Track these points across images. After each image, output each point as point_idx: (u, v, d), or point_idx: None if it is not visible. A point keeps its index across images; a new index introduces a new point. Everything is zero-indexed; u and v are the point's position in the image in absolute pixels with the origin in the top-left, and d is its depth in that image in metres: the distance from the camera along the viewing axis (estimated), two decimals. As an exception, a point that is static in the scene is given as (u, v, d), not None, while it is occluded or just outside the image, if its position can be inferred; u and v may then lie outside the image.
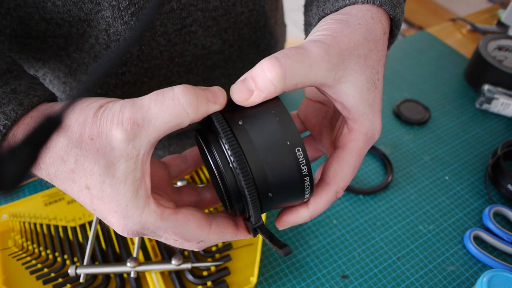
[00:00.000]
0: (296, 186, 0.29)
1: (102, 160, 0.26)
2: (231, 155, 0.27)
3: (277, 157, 0.27)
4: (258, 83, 0.27)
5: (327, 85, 0.29)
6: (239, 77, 0.54)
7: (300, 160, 0.28)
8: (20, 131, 0.28)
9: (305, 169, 0.28)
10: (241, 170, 0.27)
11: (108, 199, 0.27)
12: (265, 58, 0.27)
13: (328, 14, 0.34)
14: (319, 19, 0.35)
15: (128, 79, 0.44)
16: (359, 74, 0.29)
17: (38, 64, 0.44)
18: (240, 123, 0.27)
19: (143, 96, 0.27)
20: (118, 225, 0.28)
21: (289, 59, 0.27)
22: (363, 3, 0.32)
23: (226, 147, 0.27)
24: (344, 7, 0.33)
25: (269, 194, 0.28)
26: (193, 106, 0.27)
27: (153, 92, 0.27)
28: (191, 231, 0.30)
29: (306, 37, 0.38)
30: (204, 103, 0.27)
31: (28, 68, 0.45)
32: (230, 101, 0.29)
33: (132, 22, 0.39)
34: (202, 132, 0.30)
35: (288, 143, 0.27)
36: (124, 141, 0.26)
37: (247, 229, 0.32)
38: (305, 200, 0.31)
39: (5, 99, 0.28)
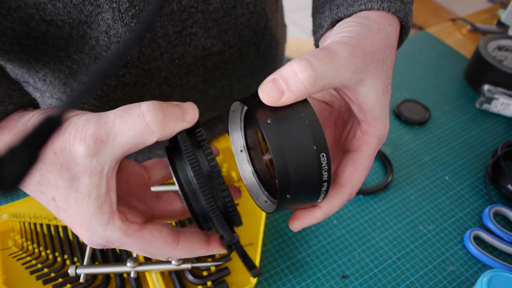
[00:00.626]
0: (315, 190, 0.29)
1: (66, 174, 0.26)
2: (193, 177, 0.27)
3: (302, 160, 0.27)
4: (290, 84, 0.26)
5: (349, 87, 0.29)
6: (239, 78, 0.54)
7: (323, 165, 0.28)
8: None
9: (326, 175, 0.28)
10: (202, 193, 0.27)
11: (73, 211, 0.27)
12: (295, 60, 0.27)
13: (341, 18, 0.34)
14: (332, 22, 0.35)
15: (128, 81, 0.44)
16: (377, 78, 0.29)
17: (39, 65, 0.44)
18: (268, 121, 0.27)
19: (109, 112, 0.27)
20: (83, 236, 0.28)
21: (320, 61, 0.27)
22: (378, 10, 0.33)
23: (189, 168, 0.27)
24: (360, 11, 0.33)
25: (288, 195, 0.28)
26: (158, 124, 0.26)
27: (119, 108, 0.27)
28: (156, 248, 0.30)
29: (316, 39, 0.39)
30: (171, 121, 0.27)
31: (29, 69, 0.45)
32: (256, 96, 0.28)
33: (133, 24, 0.39)
34: (171, 150, 0.30)
35: (315, 147, 0.27)
36: (87, 157, 0.26)
37: (221, 244, 0.32)
38: (317, 203, 0.31)
39: None
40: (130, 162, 0.35)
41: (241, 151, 0.35)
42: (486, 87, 0.69)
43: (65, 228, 0.49)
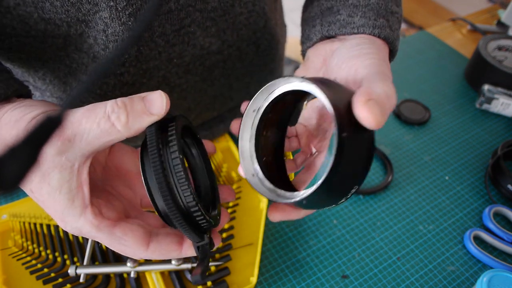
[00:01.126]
0: (330, 204, 0.31)
1: (38, 170, 0.27)
2: (153, 176, 0.27)
3: (344, 184, 0.29)
4: (387, 109, 0.28)
5: None
6: (238, 78, 0.54)
7: (348, 195, 0.30)
8: None
9: (344, 199, 0.31)
10: (161, 193, 0.27)
11: (47, 203, 0.29)
12: (387, 84, 0.29)
13: (331, 36, 0.37)
14: (322, 38, 0.38)
15: (127, 80, 0.44)
16: None
17: (38, 64, 0.44)
18: (344, 135, 0.26)
19: (77, 110, 0.28)
20: (60, 224, 0.30)
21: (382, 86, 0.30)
22: (369, 34, 0.36)
23: (153, 170, 0.27)
24: (351, 34, 0.36)
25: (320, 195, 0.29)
26: (123, 123, 0.27)
27: (86, 107, 0.28)
28: (126, 247, 0.30)
29: (304, 49, 0.41)
30: (136, 117, 0.27)
31: (28, 68, 0.45)
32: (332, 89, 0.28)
33: (130, 23, 0.39)
34: (143, 144, 0.30)
35: (357, 181, 0.29)
36: (55, 155, 0.27)
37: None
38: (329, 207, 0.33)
39: None
40: (124, 146, 0.35)
41: (252, 175, 0.35)
42: (486, 87, 0.69)
43: (65, 228, 0.49)
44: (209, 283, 0.45)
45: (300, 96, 0.36)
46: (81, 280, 0.43)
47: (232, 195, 0.37)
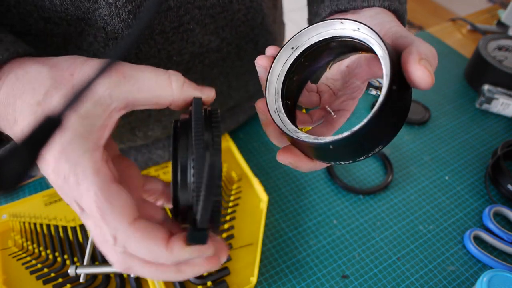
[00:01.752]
0: (354, 158, 0.30)
1: (71, 94, 0.25)
2: (193, 167, 0.26)
3: (376, 136, 0.29)
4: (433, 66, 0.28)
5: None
6: (237, 76, 0.55)
7: (372, 153, 0.30)
8: (10, 79, 0.28)
9: (364, 157, 0.30)
10: (210, 164, 0.24)
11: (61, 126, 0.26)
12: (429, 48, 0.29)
13: (342, 10, 0.37)
14: (331, 13, 0.38)
15: None
16: None
17: None
18: (394, 87, 0.27)
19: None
20: (52, 161, 0.26)
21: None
22: (379, 7, 0.36)
23: (192, 159, 0.26)
24: (362, 8, 0.36)
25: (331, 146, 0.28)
26: (179, 86, 0.29)
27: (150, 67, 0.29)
28: (112, 210, 0.25)
29: (312, 21, 0.41)
30: (190, 87, 0.30)
31: None
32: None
33: (130, 20, 0.39)
34: (177, 128, 0.30)
35: (383, 142, 0.29)
36: (102, 84, 0.26)
37: (183, 242, 0.27)
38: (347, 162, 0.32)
39: None
40: (132, 164, 0.33)
41: (274, 111, 0.33)
42: (486, 87, 0.69)
43: (65, 228, 0.49)
44: (209, 283, 0.45)
45: (341, 50, 0.35)
46: (81, 280, 0.43)
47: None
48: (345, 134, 0.27)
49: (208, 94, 0.31)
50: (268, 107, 0.33)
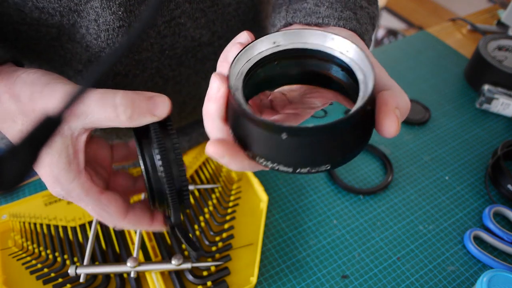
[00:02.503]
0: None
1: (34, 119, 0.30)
2: (161, 165, 0.32)
3: None
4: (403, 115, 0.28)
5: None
6: None
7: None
8: None
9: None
10: (166, 178, 0.32)
11: (45, 164, 0.32)
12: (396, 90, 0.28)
13: (296, 23, 0.35)
14: (286, 24, 0.36)
15: (119, 70, 0.45)
16: None
17: (33, 55, 0.45)
18: (368, 108, 0.26)
19: (94, 92, 0.31)
20: (48, 185, 0.33)
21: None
22: (334, 26, 0.34)
23: (157, 155, 0.32)
24: (316, 25, 0.34)
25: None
26: (127, 116, 0.31)
27: (100, 91, 0.31)
28: (108, 214, 0.34)
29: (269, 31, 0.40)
30: (141, 115, 0.31)
31: (23, 60, 0.46)
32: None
33: (120, 13, 0.40)
34: (139, 132, 0.34)
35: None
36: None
37: (164, 223, 0.38)
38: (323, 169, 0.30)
39: None
40: (100, 139, 0.39)
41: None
42: (486, 87, 0.69)
43: (65, 228, 0.49)
44: (209, 283, 0.45)
45: (314, 71, 0.32)
46: (81, 280, 0.43)
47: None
48: (314, 124, 0.23)
49: (161, 113, 0.32)
50: (229, 79, 0.28)
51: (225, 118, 0.29)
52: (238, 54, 0.30)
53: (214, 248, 0.48)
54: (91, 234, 0.46)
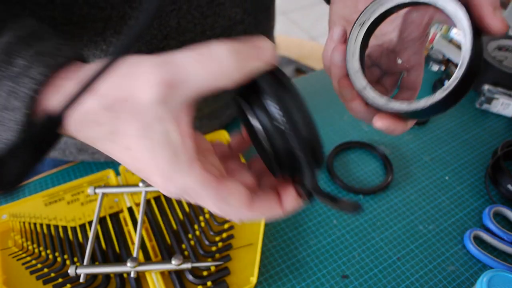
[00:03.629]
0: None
1: (135, 122, 0.25)
2: (279, 113, 0.26)
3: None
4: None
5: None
6: None
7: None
8: (56, 97, 0.27)
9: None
10: (292, 128, 0.26)
11: (147, 160, 0.26)
12: None
13: None
14: None
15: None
16: None
17: None
18: (477, 41, 0.29)
19: (178, 53, 0.25)
20: (160, 185, 0.27)
21: None
22: None
23: (274, 104, 0.26)
24: None
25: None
26: (233, 67, 0.25)
27: (187, 49, 0.25)
28: (231, 206, 0.28)
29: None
30: (247, 62, 0.25)
31: None
32: None
33: None
34: (243, 95, 0.28)
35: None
36: (156, 103, 0.24)
37: (296, 196, 0.30)
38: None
39: (33, 63, 0.27)
40: (202, 136, 0.33)
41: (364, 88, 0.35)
42: (486, 87, 0.69)
43: (65, 228, 0.49)
44: (209, 283, 0.45)
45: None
46: (81, 280, 0.43)
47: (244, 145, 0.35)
48: (438, 95, 0.29)
49: (269, 56, 0.26)
50: (355, 84, 0.34)
51: (365, 107, 0.35)
52: (347, 54, 0.35)
53: (214, 248, 0.48)
54: (91, 234, 0.46)
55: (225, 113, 0.61)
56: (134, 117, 0.25)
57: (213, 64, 0.24)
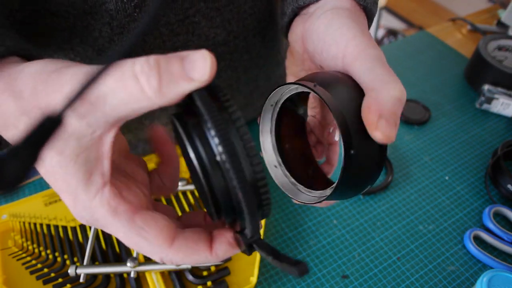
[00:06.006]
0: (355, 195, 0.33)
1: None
2: (218, 144, 0.21)
3: (362, 184, 0.30)
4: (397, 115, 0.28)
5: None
6: (246, 70, 0.53)
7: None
8: None
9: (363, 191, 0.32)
10: (232, 164, 0.21)
11: (59, 176, 0.24)
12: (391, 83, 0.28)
13: (302, 6, 0.35)
14: (293, 10, 0.36)
15: None
16: None
17: (39, 58, 0.45)
18: (352, 152, 0.26)
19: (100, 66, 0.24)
20: (69, 206, 0.25)
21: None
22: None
23: (212, 134, 0.21)
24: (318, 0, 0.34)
25: (333, 197, 0.30)
26: (154, 88, 0.21)
27: (115, 64, 0.22)
28: (146, 241, 0.25)
29: (282, 25, 0.39)
30: (172, 82, 0.21)
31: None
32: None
33: (136, 14, 0.39)
34: (181, 116, 0.24)
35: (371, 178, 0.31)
36: (74, 118, 0.22)
37: (235, 242, 0.27)
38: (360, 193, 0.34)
39: None
40: (140, 163, 0.30)
41: (275, 166, 0.36)
42: (486, 87, 0.69)
43: (65, 228, 0.49)
44: (209, 283, 0.45)
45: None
46: (81, 280, 0.43)
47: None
48: (325, 193, 0.31)
49: (201, 74, 0.21)
50: (268, 164, 0.35)
51: None
52: (260, 140, 0.36)
53: (214, 248, 0.48)
54: (91, 234, 0.46)
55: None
56: None
57: (130, 83, 0.21)
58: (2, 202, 0.52)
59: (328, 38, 0.31)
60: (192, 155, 0.23)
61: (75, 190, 0.24)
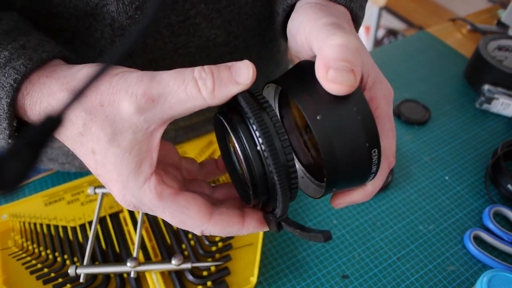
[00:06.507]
0: (361, 182, 0.29)
1: (109, 127, 0.26)
2: (259, 137, 0.26)
3: (353, 158, 0.26)
4: (355, 65, 0.26)
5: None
6: None
7: (374, 161, 0.27)
8: (35, 90, 0.28)
9: (375, 168, 0.28)
10: (270, 153, 0.25)
11: (111, 167, 0.27)
12: (342, 38, 0.26)
13: (290, 5, 0.36)
14: (284, 9, 0.37)
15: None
16: None
17: None
18: (318, 117, 0.25)
19: (163, 72, 0.27)
20: (117, 194, 0.28)
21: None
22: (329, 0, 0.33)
23: (254, 128, 0.26)
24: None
25: (334, 189, 0.28)
26: (209, 90, 0.26)
27: (174, 70, 0.27)
28: (189, 218, 0.29)
29: (277, 23, 0.40)
30: (222, 85, 0.26)
31: None
32: (295, 80, 0.27)
33: (137, 16, 0.39)
34: (225, 113, 0.28)
35: (367, 144, 0.26)
36: (135, 113, 0.26)
37: (263, 220, 0.31)
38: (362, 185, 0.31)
39: (15, 55, 0.29)
40: (172, 146, 0.35)
41: None
42: (486, 87, 0.69)
43: (65, 228, 0.49)
44: (209, 283, 0.45)
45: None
46: (81, 280, 0.43)
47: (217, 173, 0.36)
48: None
49: (245, 79, 0.27)
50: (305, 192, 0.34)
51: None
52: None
53: (214, 248, 0.48)
54: (91, 234, 0.46)
55: (205, 127, 0.60)
56: (108, 122, 0.26)
57: (190, 85, 0.26)
58: (2, 202, 0.52)
59: (294, 31, 0.32)
60: (237, 145, 0.27)
61: (126, 179, 0.27)
